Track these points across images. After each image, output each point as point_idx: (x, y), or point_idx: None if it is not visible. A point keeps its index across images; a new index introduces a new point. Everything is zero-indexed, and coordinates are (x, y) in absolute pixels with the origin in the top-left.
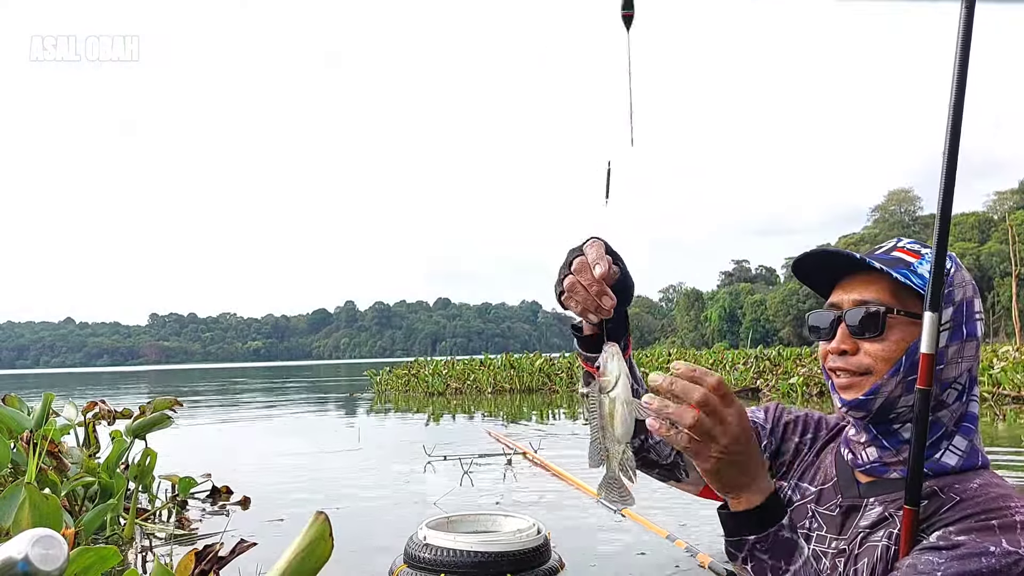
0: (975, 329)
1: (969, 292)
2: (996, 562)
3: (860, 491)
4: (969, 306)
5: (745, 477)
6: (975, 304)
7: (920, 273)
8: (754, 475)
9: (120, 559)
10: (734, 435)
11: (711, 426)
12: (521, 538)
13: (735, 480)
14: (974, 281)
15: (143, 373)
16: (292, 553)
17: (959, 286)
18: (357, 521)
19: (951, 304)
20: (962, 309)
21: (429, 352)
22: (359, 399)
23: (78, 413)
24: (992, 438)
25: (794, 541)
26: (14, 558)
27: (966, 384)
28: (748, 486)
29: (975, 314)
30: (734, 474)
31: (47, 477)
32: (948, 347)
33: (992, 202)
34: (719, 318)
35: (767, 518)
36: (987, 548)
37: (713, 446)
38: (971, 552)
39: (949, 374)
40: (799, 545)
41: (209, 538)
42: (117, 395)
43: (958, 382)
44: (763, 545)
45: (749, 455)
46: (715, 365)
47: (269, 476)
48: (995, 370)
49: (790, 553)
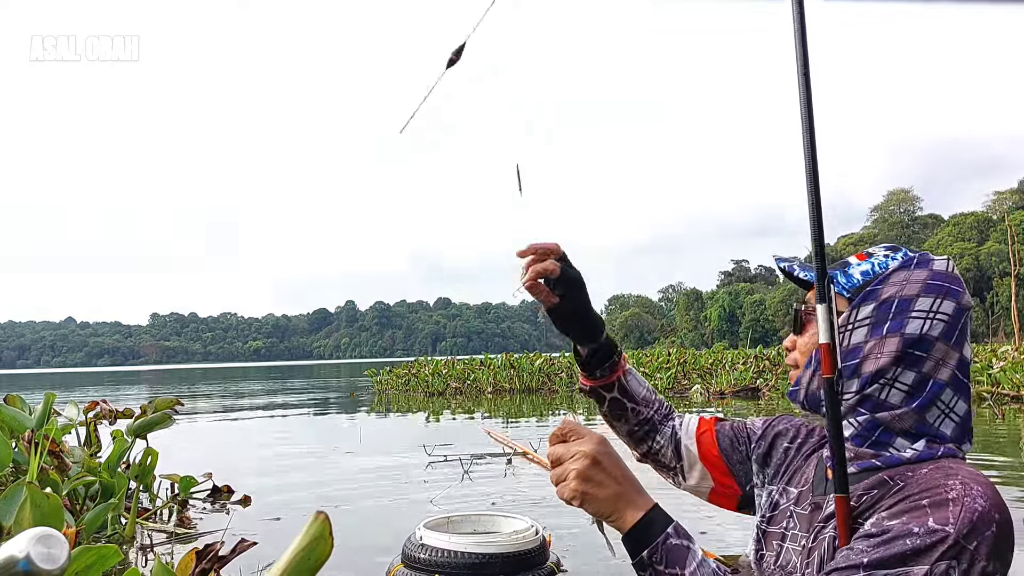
0: (901, 326)
1: (911, 290)
2: (920, 542)
3: (826, 487)
4: (903, 303)
5: (616, 504)
6: (917, 302)
7: (851, 273)
8: (625, 500)
9: (121, 558)
10: (580, 473)
11: (560, 474)
12: (519, 539)
13: (606, 509)
14: (949, 280)
15: (144, 373)
16: (292, 553)
17: (895, 284)
18: (356, 520)
19: (874, 300)
20: (889, 306)
21: (429, 352)
22: (359, 399)
23: (79, 413)
24: (992, 438)
25: (685, 547)
26: (16, 557)
27: (915, 386)
28: (621, 510)
29: (911, 311)
30: (601, 505)
31: (48, 476)
32: (867, 342)
33: (991, 202)
34: (719, 318)
35: (651, 532)
36: (911, 529)
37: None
38: (896, 535)
39: (867, 368)
40: (691, 550)
41: (210, 536)
42: (118, 395)
43: (900, 381)
44: (656, 557)
45: (604, 484)
46: (715, 365)
47: (269, 475)
48: (994, 370)
49: (683, 559)
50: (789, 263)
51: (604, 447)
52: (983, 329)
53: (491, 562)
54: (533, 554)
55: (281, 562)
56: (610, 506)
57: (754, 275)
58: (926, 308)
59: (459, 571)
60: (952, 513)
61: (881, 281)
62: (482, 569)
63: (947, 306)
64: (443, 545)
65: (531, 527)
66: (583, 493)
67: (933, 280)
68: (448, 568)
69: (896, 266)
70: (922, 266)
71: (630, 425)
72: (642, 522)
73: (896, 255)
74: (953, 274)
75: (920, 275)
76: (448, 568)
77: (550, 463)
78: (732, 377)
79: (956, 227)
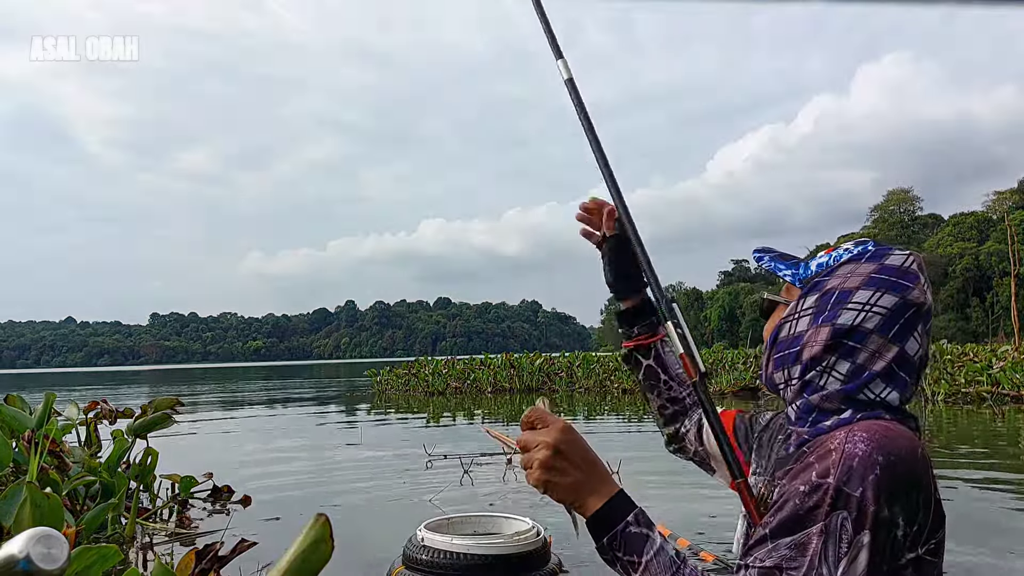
0: (834, 316)
1: (852, 283)
2: (807, 500)
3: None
4: (843, 295)
5: (578, 492)
6: (856, 294)
7: (809, 266)
8: (587, 489)
9: (121, 558)
10: (543, 463)
11: (526, 462)
12: (521, 541)
13: (569, 496)
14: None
15: (144, 373)
16: (292, 554)
17: (840, 276)
18: (357, 520)
19: (818, 291)
20: (829, 297)
21: (429, 352)
22: (359, 398)
23: (79, 412)
24: (992, 438)
25: (644, 535)
26: (16, 556)
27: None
28: (583, 498)
29: (848, 303)
30: (564, 492)
31: (48, 476)
32: (807, 330)
33: (991, 202)
34: (718, 318)
35: (612, 519)
36: (797, 488)
37: (532, 476)
38: (787, 498)
39: (804, 355)
40: (650, 537)
41: (210, 536)
42: (118, 395)
43: (835, 370)
44: (616, 543)
45: (566, 472)
46: (715, 364)
47: (270, 475)
48: (994, 370)
49: (640, 546)
50: (761, 255)
51: (567, 435)
52: (983, 329)
53: (493, 564)
54: (535, 555)
55: (282, 563)
56: (572, 494)
57: (754, 275)
58: (863, 301)
59: (461, 573)
60: (832, 463)
61: (829, 273)
62: (484, 571)
63: (887, 300)
64: (444, 547)
65: (532, 528)
66: (546, 482)
67: (879, 274)
68: (450, 570)
69: (847, 258)
70: (873, 260)
71: (662, 399)
72: (603, 510)
73: (855, 248)
74: (907, 269)
75: (866, 268)
76: (450, 570)
77: (520, 450)
78: (732, 377)
79: (956, 227)
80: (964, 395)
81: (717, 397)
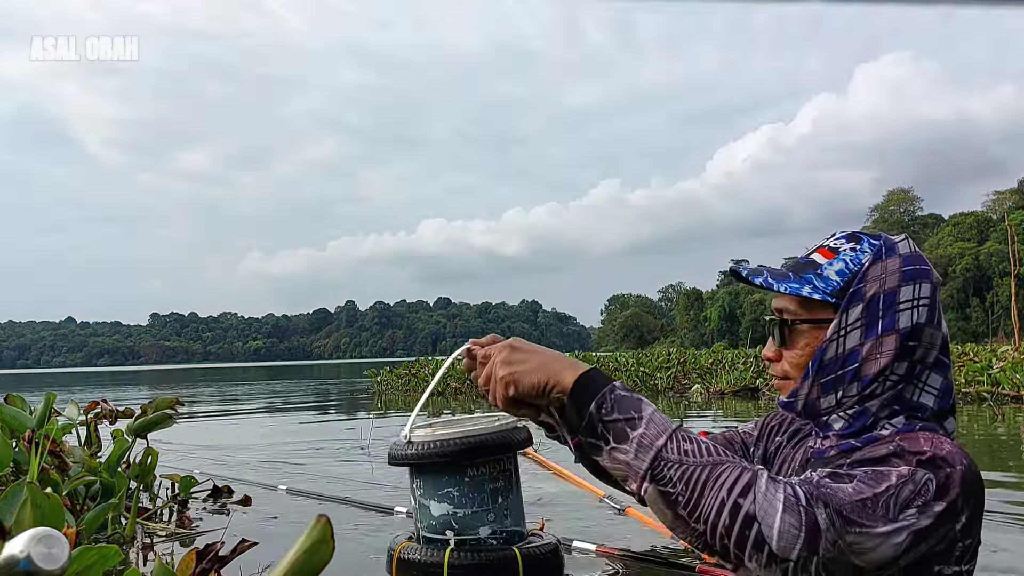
0: (894, 322)
1: (891, 283)
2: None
3: None
4: (889, 298)
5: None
6: (901, 293)
7: (827, 275)
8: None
9: (121, 558)
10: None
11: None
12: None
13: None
14: (917, 261)
15: (144, 373)
16: (293, 555)
17: (874, 280)
18: (357, 520)
19: (860, 301)
20: (876, 304)
21: (429, 352)
22: (359, 398)
23: (80, 412)
24: (992, 438)
25: (636, 397)
26: (16, 556)
27: (905, 374)
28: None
29: (898, 304)
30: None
31: (49, 476)
32: (863, 344)
33: (991, 202)
34: (718, 318)
35: (596, 384)
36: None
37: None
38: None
39: (869, 370)
40: (643, 400)
41: (210, 536)
42: (118, 395)
43: (895, 373)
44: (605, 408)
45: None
46: (715, 365)
47: (270, 475)
48: (994, 370)
49: (637, 403)
50: (754, 276)
51: (518, 341)
52: (983, 329)
53: (480, 446)
54: (518, 436)
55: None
56: (544, 372)
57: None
58: (910, 297)
59: (446, 459)
60: (925, 442)
61: (861, 279)
62: (469, 455)
63: (925, 289)
64: (428, 439)
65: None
66: (511, 375)
67: (906, 266)
68: (435, 457)
69: (869, 260)
70: (891, 254)
71: None
72: (584, 377)
73: (862, 246)
74: (918, 253)
75: (894, 264)
76: (435, 457)
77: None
78: (732, 377)
79: (956, 227)
80: (964, 395)
81: (717, 397)
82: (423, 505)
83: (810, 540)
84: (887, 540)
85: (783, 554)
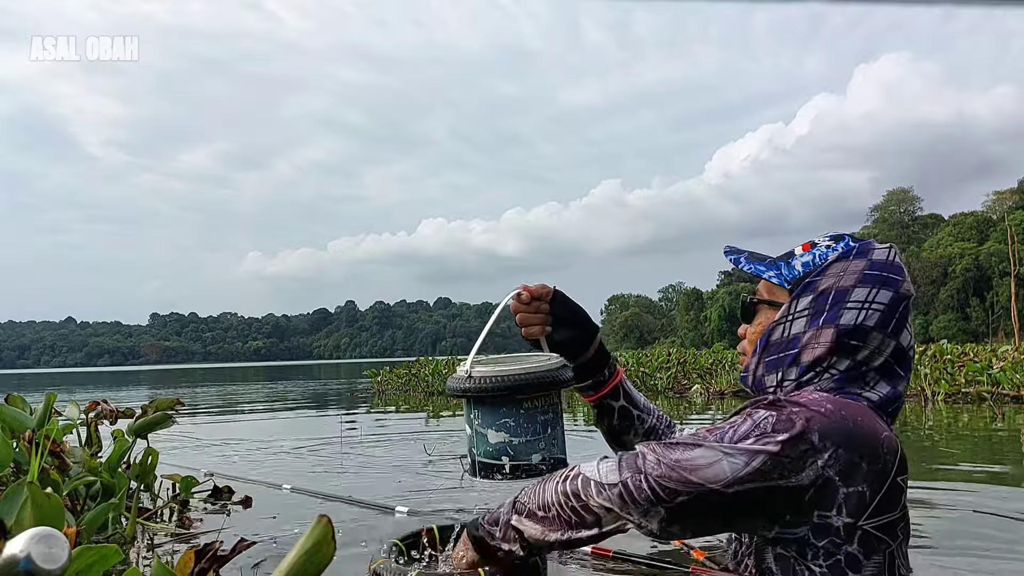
0: (836, 317)
1: (847, 281)
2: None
3: None
4: (839, 294)
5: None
6: (853, 293)
7: (793, 265)
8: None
9: (121, 557)
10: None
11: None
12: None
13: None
14: (887, 269)
15: (144, 373)
16: (295, 556)
17: (832, 275)
18: (356, 520)
19: (812, 292)
20: (826, 297)
21: (429, 352)
22: (359, 398)
23: (80, 412)
24: (992, 438)
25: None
26: (17, 556)
27: (848, 372)
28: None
29: (847, 302)
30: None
31: (49, 476)
32: (805, 332)
33: (991, 202)
34: (719, 318)
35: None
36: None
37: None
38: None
39: (805, 358)
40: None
41: (210, 536)
42: (118, 394)
43: (835, 368)
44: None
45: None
46: (715, 365)
47: (271, 475)
48: (994, 370)
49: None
50: (736, 257)
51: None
52: (983, 329)
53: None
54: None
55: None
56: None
57: (752, 275)
58: (861, 299)
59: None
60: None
61: (820, 272)
62: (526, 388)
63: (883, 295)
64: (490, 374)
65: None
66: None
67: (870, 270)
68: (497, 390)
69: (835, 257)
70: (861, 256)
71: (640, 437)
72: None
73: (838, 245)
74: (893, 263)
75: (858, 265)
76: (497, 390)
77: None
78: (732, 377)
79: (956, 227)
80: (964, 395)
81: (717, 397)
82: (480, 434)
83: (630, 464)
84: (725, 459)
85: (608, 479)
